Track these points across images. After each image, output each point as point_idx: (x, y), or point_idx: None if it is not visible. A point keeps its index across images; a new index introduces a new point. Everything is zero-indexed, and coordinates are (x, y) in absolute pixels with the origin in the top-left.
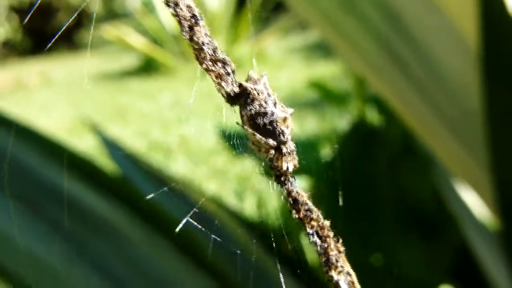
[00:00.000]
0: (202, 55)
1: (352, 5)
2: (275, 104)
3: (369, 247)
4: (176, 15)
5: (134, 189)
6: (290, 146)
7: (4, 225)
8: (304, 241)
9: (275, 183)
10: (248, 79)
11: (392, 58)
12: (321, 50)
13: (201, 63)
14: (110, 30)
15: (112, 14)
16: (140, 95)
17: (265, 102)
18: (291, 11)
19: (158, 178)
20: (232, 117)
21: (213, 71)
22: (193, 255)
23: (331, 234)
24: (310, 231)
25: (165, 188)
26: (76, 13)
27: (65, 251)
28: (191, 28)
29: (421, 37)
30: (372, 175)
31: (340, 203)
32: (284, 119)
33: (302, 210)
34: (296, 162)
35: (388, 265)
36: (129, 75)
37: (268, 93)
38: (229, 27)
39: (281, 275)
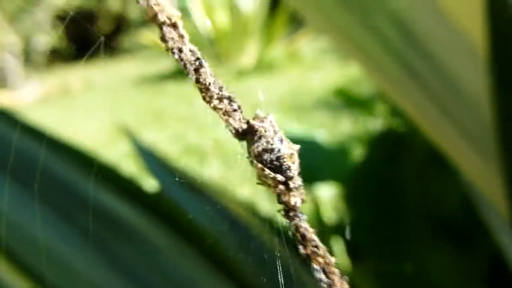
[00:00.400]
0: (209, 94)
1: (369, 21)
2: (281, 140)
3: (399, 255)
4: (181, 60)
5: (166, 198)
6: (297, 181)
7: (34, 230)
8: (336, 248)
9: (283, 219)
10: (255, 117)
11: (408, 71)
12: None
13: (208, 102)
14: (147, 35)
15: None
16: (177, 98)
17: (272, 139)
18: (309, 26)
19: (191, 184)
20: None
21: (220, 108)
22: (222, 264)
23: (337, 271)
24: (317, 267)
25: (196, 195)
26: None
27: (95, 258)
28: (196, 70)
29: (435, 51)
30: (400, 182)
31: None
32: (291, 155)
33: (309, 246)
34: (303, 197)
35: (419, 273)
36: (166, 79)
37: (274, 130)
38: (262, 28)
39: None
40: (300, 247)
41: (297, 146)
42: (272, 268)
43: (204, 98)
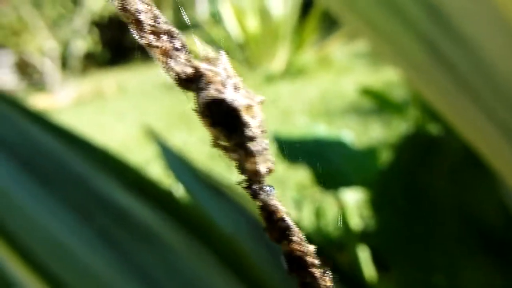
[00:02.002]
0: (140, 26)
1: (394, 5)
2: (236, 88)
3: (429, 266)
4: None
5: (191, 202)
6: (261, 143)
7: (56, 231)
8: (362, 256)
9: (247, 193)
10: (203, 58)
11: (438, 59)
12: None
13: (140, 38)
14: None
15: (182, 26)
16: None
17: (223, 86)
18: (340, 22)
19: (215, 188)
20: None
21: (156, 47)
22: (245, 272)
23: (316, 262)
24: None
25: (220, 198)
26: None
27: (111, 259)
28: None
29: (472, 37)
30: (431, 188)
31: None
32: (248, 107)
33: (277, 228)
34: (271, 164)
35: (451, 286)
36: None
37: (227, 75)
38: (293, 33)
39: None
40: (266, 231)
41: (261, 97)
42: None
43: (136, 33)
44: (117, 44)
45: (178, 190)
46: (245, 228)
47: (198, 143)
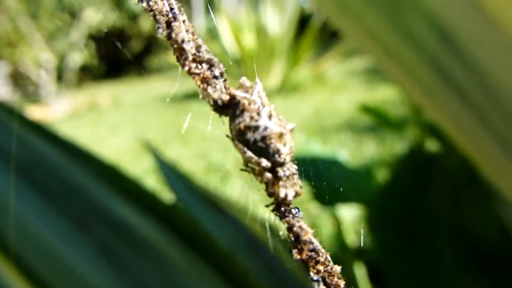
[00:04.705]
0: (183, 55)
1: (403, 25)
2: (270, 116)
3: (426, 285)
4: (150, 9)
5: (185, 213)
6: (290, 169)
7: (52, 242)
8: (358, 273)
9: (274, 215)
10: (240, 86)
11: (446, 80)
12: (382, 73)
13: (182, 65)
14: None
15: None
16: (200, 117)
17: (258, 114)
18: (344, 38)
19: (212, 202)
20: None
21: (197, 74)
22: (241, 285)
23: (343, 283)
24: (315, 277)
25: (217, 213)
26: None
27: (109, 270)
28: (168, 24)
29: (479, 59)
30: (430, 207)
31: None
32: (280, 135)
33: (305, 250)
34: (298, 188)
35: None
36: (192, 98)
37: (262, 103)
38: (289, 51)
39: None
40: (294, 251)
41: (292, 125)
42: None
43: (178, 60)
44: (113, 57)
45: (173, 202)
46: (241, 242)
47: (193, 157)
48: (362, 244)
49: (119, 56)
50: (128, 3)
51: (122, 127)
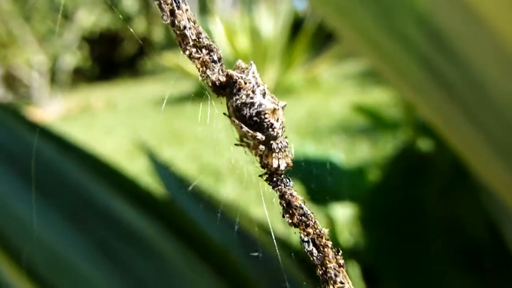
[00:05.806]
0: (185, 40)
1: (393, 25)
2: (264, 94)
3: (418, 282)
4: None
5: (180, 212)
6: (282, 142)
7: (50, 239)
8: (351, 272)
9: (267, 184)
10: (236, 67)
11: (436, 79)
12: (375, 76)
13: (184, 50)
14: (170, 58)
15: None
16: (194, 119)
17: (253, 92)
18: (338, 41)
19: (206, 202)
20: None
21: (197, 58)
22: (235, 283)
23: (330, 243)
24: (305, 239)
25: (212, 212)
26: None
27: (108, 268)
28: (172, 12)
29: (466, 56)
30: (421, 204)
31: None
32: (274, 111)
33: (296, 214)
34: (289, 160)
35: None
36: (186, 100)
37: (256, 83)
38: (282, 54)
39: None
40: (286, 216)
41: (283, 103)
42: None
43: (180, 45)
44: (106, 59)
45: (168, 201)
46: (234, 238)
47: (187, 158)
48: (355, 244)
49: (112, 58)
50: (121, 5)
51: (115, 129)
